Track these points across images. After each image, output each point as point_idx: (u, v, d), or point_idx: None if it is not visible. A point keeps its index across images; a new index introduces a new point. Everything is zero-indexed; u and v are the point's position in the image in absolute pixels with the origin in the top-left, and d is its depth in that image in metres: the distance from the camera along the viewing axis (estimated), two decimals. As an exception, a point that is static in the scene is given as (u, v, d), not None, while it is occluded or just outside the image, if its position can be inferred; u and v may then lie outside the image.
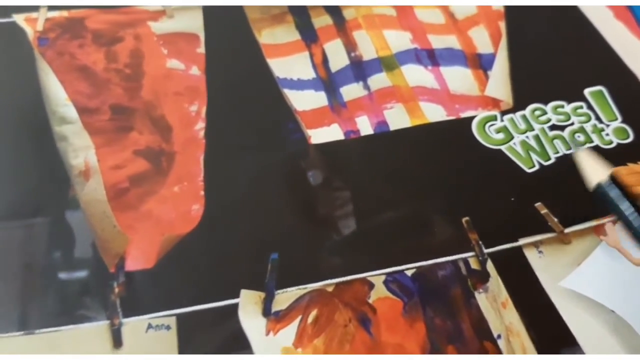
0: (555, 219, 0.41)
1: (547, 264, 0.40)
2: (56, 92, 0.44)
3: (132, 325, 0.36)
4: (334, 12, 0.51)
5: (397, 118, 0.45)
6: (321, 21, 0.50)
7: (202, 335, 0.36)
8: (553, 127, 0.46)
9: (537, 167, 0.44)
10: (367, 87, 0.47)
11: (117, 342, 0.35)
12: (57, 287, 0.37)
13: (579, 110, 0.47)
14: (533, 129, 0.46)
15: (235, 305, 0.36)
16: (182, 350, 0.35)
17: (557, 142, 0.45)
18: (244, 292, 0.37)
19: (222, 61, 0.47)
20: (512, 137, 0.45)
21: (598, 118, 0.47)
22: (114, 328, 0.35)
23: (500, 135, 0.45)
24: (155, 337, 0.35)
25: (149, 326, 0.36)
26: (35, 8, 0.48)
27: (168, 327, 0.36)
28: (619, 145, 0.45)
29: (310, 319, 0.36)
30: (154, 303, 0.36)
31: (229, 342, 0.36)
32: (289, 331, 0.36)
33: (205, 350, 0.35)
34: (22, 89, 0.44)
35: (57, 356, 0.34)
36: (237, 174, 0.42)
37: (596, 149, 0.45)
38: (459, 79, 0.48)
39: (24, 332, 0.35)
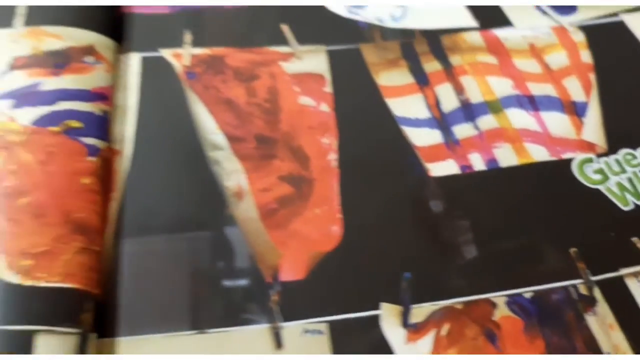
0: (651, 253, 0.46)
1: (645, 292, 0.45)
2: (207, 122, 0.50)
3: (290, 329, 0.41)
4: (442, 58, 0.56)
5: (506, 156, 0.51)
6: (431, 66, 0.56)
7: (350, 340, 0.41)
8: (643, 171, 0.51)
9: (632, 206, 0.49)
10: (476, 127, 0.52)
11: (278, 343, 0.40)
12: (222, 293, 0.42)
13: (666, 157, 0.52)
14: (626, 172, 0.51)
15: (378, 316, 0.42)
16: (335, 353, 0.40)
17: (647, 184, 0.50)
18: (384, 305, 0.42)
19: (346, 99, 0.52)
20: (608, 178, 0.50)
21: (682, 164, 0.52)
22: (274, 331, 0.41)
23: (598, 176, 0.50)
24: (310, 340, 0.41)
25: (304, 330, 0.41)
26: (178, 44, 0.54)
27: (320, 332, 0.41)
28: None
29: (443, 332, 0.41)
30: (307, 310, 0.42)
31: (374, 348, 0.41)
32: (426, 341, 0.41)
33: (355, 353, 0.40)
34: (176, 117, 0.50)
35: (227, 356, 0.40)
36: (368, 201, 0.47)
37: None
38: (558, 123, 0.53)
39: (197, 331, 0.41)
